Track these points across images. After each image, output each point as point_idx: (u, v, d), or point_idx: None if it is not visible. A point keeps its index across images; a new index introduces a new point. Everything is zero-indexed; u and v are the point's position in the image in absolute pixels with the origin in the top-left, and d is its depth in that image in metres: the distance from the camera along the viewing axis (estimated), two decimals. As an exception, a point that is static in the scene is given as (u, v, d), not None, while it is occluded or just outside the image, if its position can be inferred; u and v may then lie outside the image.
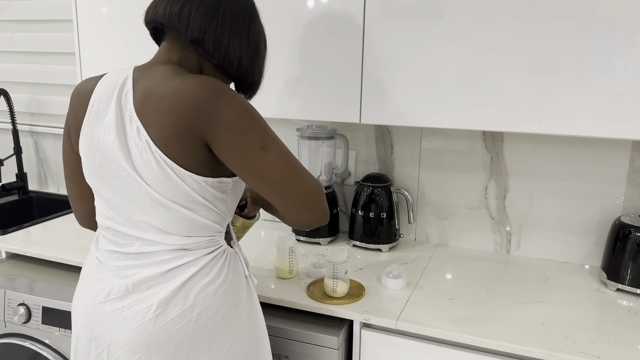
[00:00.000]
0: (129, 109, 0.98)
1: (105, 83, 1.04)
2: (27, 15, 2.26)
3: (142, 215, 1.01)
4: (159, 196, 0.98)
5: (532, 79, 1.28)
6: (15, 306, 1.58)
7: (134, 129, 0.97)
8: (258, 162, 0.95)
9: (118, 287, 1.02)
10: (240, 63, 1.05)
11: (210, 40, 1.01)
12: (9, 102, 2.20)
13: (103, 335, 1.03)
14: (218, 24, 1.01)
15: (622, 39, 1.19)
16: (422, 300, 1.37)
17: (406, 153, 1.78)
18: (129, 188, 1.00)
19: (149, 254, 1.03)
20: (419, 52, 1.37)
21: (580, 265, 1.63)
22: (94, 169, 1.04)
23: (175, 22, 1.01)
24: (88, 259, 1.13)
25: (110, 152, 1.00)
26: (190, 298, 1.00)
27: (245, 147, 0.94)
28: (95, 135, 1.02)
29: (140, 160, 0.97)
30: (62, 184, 2.42)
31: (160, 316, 0.99)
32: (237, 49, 1.03)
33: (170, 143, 0.94)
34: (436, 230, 1.80)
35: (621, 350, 1.15)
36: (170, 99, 0.94)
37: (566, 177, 1.61)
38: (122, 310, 1.01)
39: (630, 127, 1.23)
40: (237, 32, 1.03)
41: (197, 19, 1.00)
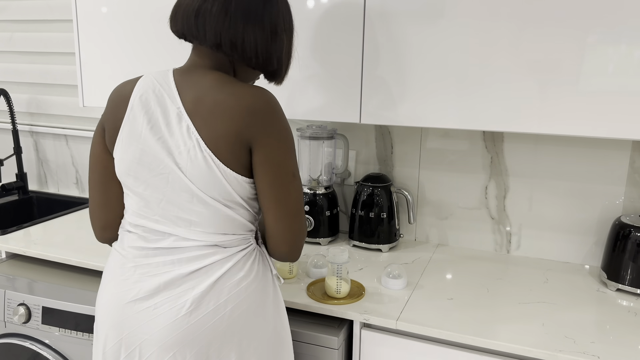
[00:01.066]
0: (177, 108, 1.01)
1: (144, 83, 1.06)
2: (27, 15, 2.26)
3: (179, 211, 1.03)
4: (200, 193, 1.01)
5: (532, 79, 1.28)
6: (15, 306, 1.58)
7: (184, 128, 1.00)
8: (285, 185, 1.03)
9: (149, 285, 1.02)
10: (257, 55, 1.05)
11: (227, 42, 1.02)
12: (9, 102, 2.20)
13: (135, 334, 1.03)
14: (231, 22, 1.01)
15: (622, 39, 1.19)
16: (422, 300, 1.37)
17: (406, 153, 1.78)
18: (169, 185, 1.02)
19: (182, 249, 1.04)
20: (418, 52, 1.37)
21: (580, 265, 1.63)
22: (132, 166, 1.05)
23: (194, 31, 1.03)
24: (112, 259, 1.12)
25: (151, 149, 1.02)
26: (224, 293, 1.02)
27: (284, 166, 1.02)
28: (135, 133, 1.04)
29: (187, 157, 1.00)
30: (62, 184, 2.42)
31: (194, 312, 1.00)
32: (252, 42, 1.03)
33: (219, 144, 0.99)
34: (436, 230, 1.80)
35: (621, 350, 1.15)
36: (225, 104, 0.98)
37: (566, 177, 1.61)
38: (155, 307, 1.01)
39: (630, 127, 1.23)
40: (251, 25, 1.02)
41: (211, 24, 1.01)
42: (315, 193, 1.74)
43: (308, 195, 1.74)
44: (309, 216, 1.73)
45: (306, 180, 1.77)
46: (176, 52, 1.62)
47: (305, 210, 1.72)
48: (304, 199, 1.09)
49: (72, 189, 2.40)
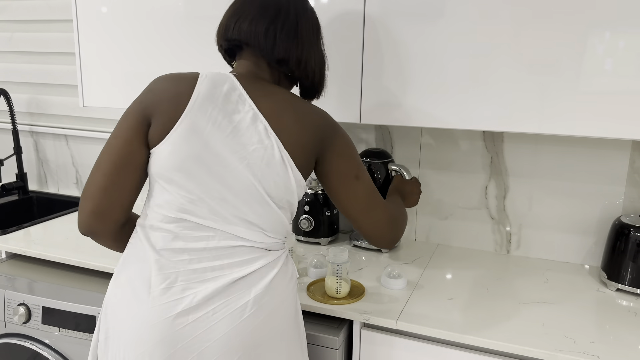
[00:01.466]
0: (252, 110, 1.05)
1: (209, 81, 1.07)
2: (27, 15, 2.26)
3: (235, 210, 1.03)
4: (262, 192, 1.04)
5: (532, 79, 1.28)
6: (15, 306, 1.58)
7: (260, 128, 1.04)
8: (351, 188, 1.13)
9: (202, 292, 0.99)
10: (314, 75, 1.17)
11: (294, 59, 1.11)
12: (9, 102, 2.20)
13: (190, 344, 0.98)
14: (299, 42, 1.11)
15: (622, 39, 1.19)
16: (422, 300, 1.37)
17: (406, 153, 1.78)
18: (227, 182, 1.03)
19: (230, 250, 1.02)
20: (418, 52, 1.37)
21: (580, 265, 1.63)
22: (187, 161, 1.02)
23: (262, 42, 1.09)
24: (140, 265, 1.03)
25: (215, 145, 1.03)
26: (277, 294, 1.05)
27: (345, 173, 1.13)
28: (198, 128, 1.03)
29: (260, 156, 1.03)
30: (62, 184, 2.42)
31: (257, 313, 1.02)
32: (314, 63, 1.15)
33: (297, 151, 1.06)
34: (436, 230, 1.80)
35: (621, 350, 1.15)
36: (307, 117, 1.09)
37: (566, 177, 1.61)
38: (214, 312, 0.99)
39: (630, 127, 1.23)
40: (313, 48, 1.15)
41: (283, 39, 1.09)
42: (316, 193, 1.74)
43: (308, 195, 1.74)
44: (309, 216, 1.73)
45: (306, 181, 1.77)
46: (176, 52, 1.62)
47: (305, 210, 1.72)
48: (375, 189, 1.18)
49: (72, 189, 2.40)
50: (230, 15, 1.12)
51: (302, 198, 1.69)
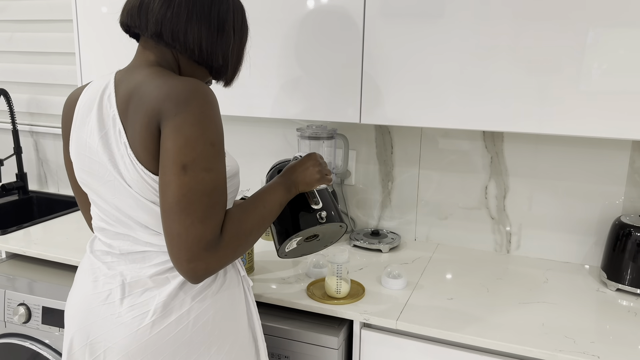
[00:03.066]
0: (112, 111, 0.98)
1: (89, 89, 1.05)
2: (27, 15, 2.26)
3: (132, 214, 1.00)
4: (140, 197, 0.97)
5: (532, 79, 1.28)
6: (15, 306, 1.58)
7: (117, 132, 0.96)
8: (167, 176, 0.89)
9: (115, 291, 1.01)
10: (201, 49, 1.01)
11: (168, 31, 0.98)
12: (9, 102, 2.20)
13: (99, 340, 1.02)
14: (174, 12, 0.98)
15: (622, 38, 1.19)
16: (422, 300, 1.37)
17: (406, 153, 1.78)
18: (116, 190, 0.99)
19: (141, 254, 1.02)
20: (419, 52, 1.37)
21: (580, 265, 1.63)
22: (84, 174, 1.04)
23: (136, 19, 1.00)
24: (82, 261, 1.12)
25: (96, 156, 1.00)
26: (186, 303, 0.99)
27: (172, 155, 0.89)
28: (82, 140, 1.02)
29: (122, 163, 0.96)
30: (62, 184, 2.42)
31: (157, 322, 0.98)
32: (196, 35, 0.99)
33: (136, 141, 0.94)
34: (436, 230, 1.80)
35: (621, 350, 1.15)
36: (147, 96, 0.92)
37: (566, 177, 1.61)
38: (119, 315, 1.00)
39: (630, 127, 1.23)
40: (196, 17, 0.99)
41: (154, 11, 0.98)
42: (315, 193, 1.73)
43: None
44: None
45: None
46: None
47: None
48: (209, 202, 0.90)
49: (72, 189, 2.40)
50: None
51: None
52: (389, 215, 1.84)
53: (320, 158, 1.16)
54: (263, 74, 1.54)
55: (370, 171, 1.83)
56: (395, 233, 1.82)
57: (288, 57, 1.50)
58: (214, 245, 0.91)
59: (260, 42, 1.53)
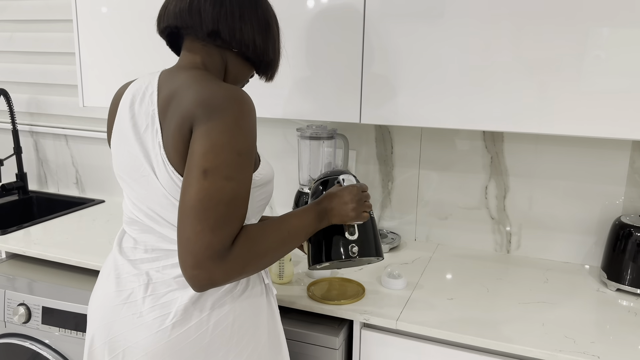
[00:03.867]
0: (152, 109, 1.00)
1: (135, 85, 1.06)
2: (27, 15, 2.26)
3: (160, 211, 1.01)
4: (169, 196, 0.98)
5: (532, 79, 1.28)
6: (15, 306, 1.58)
7: (154, 130, 0.98)
8: (189, 179, 0.89)
9: (138, 290, 1.01)
10: (255, 44, 1.04)
11: (225, 29, 1.01)
12: (9, 102, 2.20)
13: (118, 339, 1.01)
14: (228, 10, 1.01)
15: (623, 38, 1.19)
16: (422, 300, 1.37)
17: (406, 153, 1.78)
18: (149, 186, 1.01)
19: (165, 252, 1.02)
20: (419, 52, 1.37)
21: (580, 265, 1.63)
22: (120, 168, 1.06)
23: (188, 20, 1.01)
24: (108, 258, 1.12)
25: (133, 150, 1.01)
26: (206, 307, 0.99)
27: (195, 159, 0.88)
28: (122, 134, 1.04)
29: (156, 161, 0.98)
30: (62, 184, 2.42)
31: (177, 325, 0.97)
32: (250, 31, 1.03)
33: (170, 144, 0.95)
34: (436, 230, 1.80)
35: (621, 350, 1.15)
36: (184, 100, 0.93)
37: (566, 177, 1.61)
38: (140, 315, 0.99)
39: (630, 127, 1.23)
40: (247, 15, 1.03)
41: (208, 10, 1.00)
42: (315, 193, 1.73)
43: (307, 195, 1.73)
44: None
45: (306, 180, 1.77)
46: (176, 52, 1.62)
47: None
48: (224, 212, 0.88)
49: (72, 189, 2.40)
50: (161, 6, 1.08)
51: (301, 198, 1.69)
52: (389, 215, 1.84)
53: (361, 192, 1.10)
54: (263, 74, 1.54)
55: (370, 171, 1.83)
56: (395, 233, 1.82)
57: (287, 58, 1.50)
58: (221, 256, 0.87)
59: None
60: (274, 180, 1.12)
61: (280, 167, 1.96)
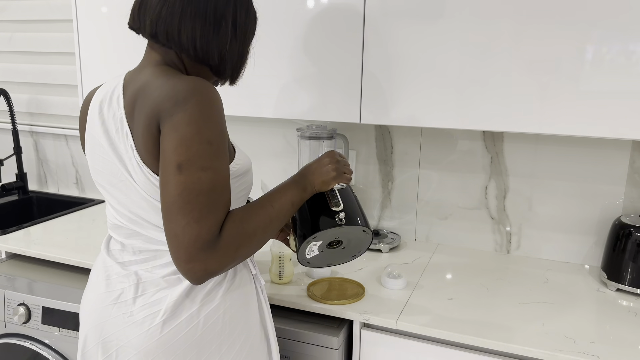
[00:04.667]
0: (120, 113, 0.98)
1: (102, 90, 1.05)
2: (27, 15, 2.26)
3: (142, 214, 1.01)
4: (149, 198, 0.98)
5: (532, 79, 1.28)
6: (15, 306, 1.58)
7: (124, 134, 0.97)
8: (164, 176, 0.89)
9: (128, 290, 1.02)
10: (195, 47, 0.98)
11: (162, 31, 0.97)
12: (9, 102, 2.20)
13: (111, 339, 1.02)
14: (168, 10, 0.96)
15: (623, 39, 1.19)
16: (422, 300, 1.37)
17: (406, 153, 1.78)
18: (127, 190, 1.00)
19: (153, 252, 1.03)
20: (419, 52, 1.37)
21: (580, 265, 1.63)
22: (97, 174, 1.06)
23: (137, 20, 1.00)
24: (97, 261, 1.13)
25: (107, 156, 1.01)
26: (196, 302, 1.00)
27: (169, 154, 0.88)
28: (95, 140, 1.03)
29: (130, 164, 0.97)
30: (62, 184, 2.42)
31: (168, 321, 0.98)
32: (189, 33, 0.96)
33: (139, 142, 0.94)
34: (436, 230, 1.80)
35: (621, 350, 1.15)
36: (150, 96, 0.92)
37: (566, 177, 1.61)
38: (131, 314, 1.00)
39: (630, 127, 1.23)
40: (190, 13, 0.96)
41: (150, 12, 0.97)
42: (315, 193, 1.73)
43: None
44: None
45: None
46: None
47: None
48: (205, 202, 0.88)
49: (72, 189, 2.40)
50: None
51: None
52: (389, 215, 1.84)
53: (340, 156, 1.12)
54: (262, 74, 1.54)
55: (370, 171, 1.83)
56: (395, 233, 1.82)
57: (287, 58, 1.50)
58: (212, 245, 0.88)
59: (259, 43, 1.53)
60: (252, 171, 1.11)
61: (280, 167, 1.96)
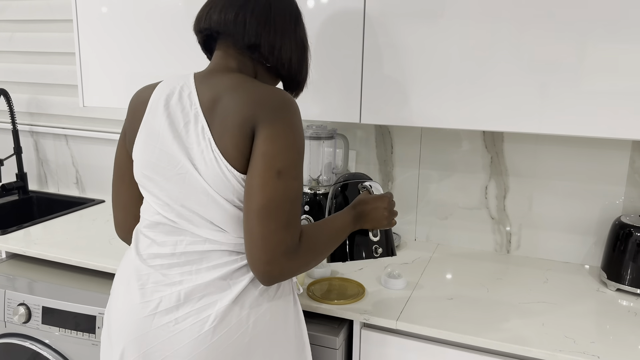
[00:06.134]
0: (195, 109, 1.02)
1: (164, 86, 1.08)
2: (27, 15, 2.26)
3: (198, 209, 1.01)
4: (215, 194, 0.99)
5: (532, 79, 1.28)
6: (15, 306, 1.58)
7: (199, 128, 1.00)
8: (264, 179, 0.94)
9: (169, 298, 0.99)
10: (291, 64, 1.10)
11: (266, 45, 1.06)
12: (9, 102, 2.20)
13: (154, 350, 0.99)
14: (271, 27, 1.06)
15: (623, 38, 1.19)
16: (422, 300, 1.37)
17: (406, 153, 1.78)
18: (185, 184, 1.01)
19: (199, 255, 1.01)
20: (419, 51, 1.37)
21: (580, 265, 1.63)
22: (149, 166, 1.05)
23: (232, 29, 1.05)
24: (126, 265, 1.08)
25: (169, 149, 1.02)
26: (245, 307, 1.00)
27: (270, 160, 0.94)
28: (154, 133, 1.04)
29: (201, 158, 0.99)
30: (62, 184, 2.42)
31: (218, 327, 0.97)
32: (288, 51, 1.09)
33: (226, 140, 0.97)
34: (436, 230, 1.80)
35: (621, 350, 1.15)
36: (238, 100, 0.98)
37: (566, 177, 1.61)
38: (176, 322, 0.98)
39: (630, 127, 1.23)
40: (287, 34, 1.08)
41: (253, 25, 1.05)
42: (316, 193, 1.74)
43: (308, 195, 1.74)
44: (310, 216, 1.73)
45: (306, 180, 1.77)
46: (175, 52, 1.62)
47: (305, 210, 1.72)
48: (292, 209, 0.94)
49: (72, 189, 2.40)
50: (203, 7, 1.11)
51: (302, 198, 1.68)
52: (389, 215, 1.84)
53: (392, 201, 1.20)
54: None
55: (371, 171, 1.83)
56: (395, 233, 1.82)
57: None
58: (292, 252, 0.94)
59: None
60: None
61: (280, 167, 1.96)
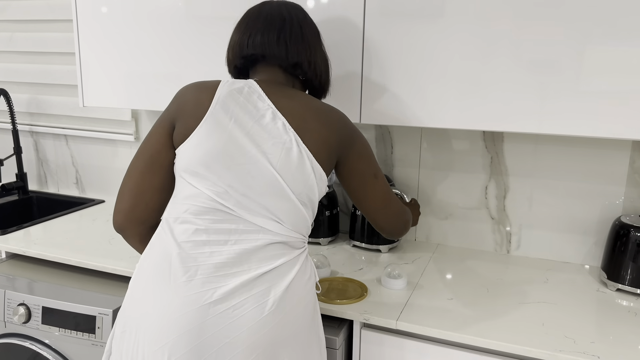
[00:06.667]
0: (271, 108, 1.11)
1: (230, 85, 1.14)
2: (27, 15, 2.26)
3: (259, 199, 1.06)
4: (285, 186, 1.07)
5: (532, 79, 1.28)
6: (15, 306, 1.58)
7: (279, 124, 1.09)
8: (371, 186, 1.20)
9: (224, 288, 1.01)
10: (321, 77, 1.24)
11: (305, 62, 1.19)
12: (9, 102, 2.20)
13: (211, 340, 0.99)
14: (306, 46, 1.19)
15: (622, 38, 1.19)
16: (422, 300, 1.37)
17: (406, 153, 1.78)
18: (250, 173, 1.07)
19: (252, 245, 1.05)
20: (418, 52, 1.37)
21: (580, 265, 1.63)
22: (212, 154, 1.07)
23: (275, 50, 1.17)
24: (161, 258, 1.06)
25: (237, 140, 1.08)
26: (296, 294, 1.07)
27: (366, 173, 1.20)
28: (221, 125, 1.09)
29: (280, 150, 1.07)
30: (62, 184, 2.42)
31: (276, 312, 1.03)
32: (320, 65, 1.23)
33: (319, 147, 1.11)
34: (436, 230, 1.80)
35: (621, 350, 1.15)
36: (328, 115, 1.14)
37: (566, 177, 1.61)
38: (234, 309, 1.00)
39: (630, 127, 1.23)
40: (317, 50, 1.22)
41: (293, 45, 1.18)
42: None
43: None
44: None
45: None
46: (176, 52, 1.62)
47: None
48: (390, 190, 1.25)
49: (72, 189, 2.40)
50: (241, 35, 1.19)
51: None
52: (389, 215, 1.84)
53: None
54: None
55: (370, 171, 1.83)
56: (395, 233, 1.82)
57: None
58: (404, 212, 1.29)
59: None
60: None
61: (280, 167, 1.96)
